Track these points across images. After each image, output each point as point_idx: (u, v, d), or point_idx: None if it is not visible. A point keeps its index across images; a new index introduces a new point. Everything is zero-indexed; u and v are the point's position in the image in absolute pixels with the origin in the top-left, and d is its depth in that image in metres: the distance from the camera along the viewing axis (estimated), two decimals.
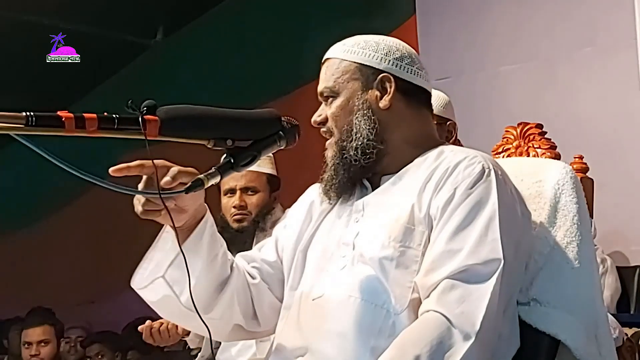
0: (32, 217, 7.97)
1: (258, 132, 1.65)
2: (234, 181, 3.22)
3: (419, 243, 1.67)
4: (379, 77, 1.79)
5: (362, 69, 1.80)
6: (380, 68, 1.79)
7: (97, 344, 5.56)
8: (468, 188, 1.67)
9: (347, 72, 1.80)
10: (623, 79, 4.82)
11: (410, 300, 1.64)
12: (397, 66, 1.80)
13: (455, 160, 1.72)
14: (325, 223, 1.84)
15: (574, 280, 1.76)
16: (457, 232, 1.63)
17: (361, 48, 1.81)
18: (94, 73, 7.06)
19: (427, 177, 1.72)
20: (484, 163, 1.71)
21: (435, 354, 1.52)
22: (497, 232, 1.62)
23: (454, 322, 1.55)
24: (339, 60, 1.82)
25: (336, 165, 1.79)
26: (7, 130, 1.36)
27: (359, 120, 1.77)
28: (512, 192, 1.74)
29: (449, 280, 1.59)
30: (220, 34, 7.07)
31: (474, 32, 5.49)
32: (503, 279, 1.59)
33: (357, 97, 1.79)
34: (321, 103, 1.86)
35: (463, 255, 1.60)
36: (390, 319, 1.64)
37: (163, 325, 3.09)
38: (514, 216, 1.69)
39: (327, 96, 1.82)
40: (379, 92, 1.79)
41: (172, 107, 1.57)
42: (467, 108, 4.46)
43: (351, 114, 1.78)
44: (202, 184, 1.55)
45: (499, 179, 1.69)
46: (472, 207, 1.65)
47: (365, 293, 1.67)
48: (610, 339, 1.82)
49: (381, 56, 1.80)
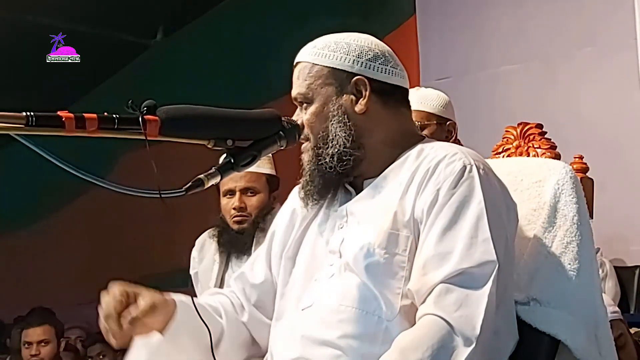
0: (32, 217, 7.97)
1: (258, 132, 1.65)
2: (234, 182, 3.21)
3: (404, 248, 1.65)
4: (353, 80, 1.74)
5: (335, 73, 1.75)
6: (354, 71, 1.74)
7: (99, 343, 5.56)
8: (451, 187, 1.64)
9: (320, 77, 1.75)
10: (623, 79, 4.83)
11: (401, 306, 1.63)
12: (371, 67, 1.75)
13: (435, 159, 1.69)
14: (311, 229, 1.81)
15: (573, 280, 1.76)
16: (445, 233, 1.61)
17: (332, 51, 1.75)
18: (94, 73, 7.06)
19: (408, 179, 1.70)
20: (465, 159, 1.68)
21: (437, 358, 1.51)
22: (487, 232, 1.60)
23: (455, 326, 1.54)
24: (310, 65, 1.77)
25: (312, 171, 1.76)
26: (7, 130, 1.36)
27: (335, 127, 1.73)
28: (496, 184, 1.71)
29: (444, 284, 1.57)
30: (220, 34, 7.07)
31: (474, 32, 5.49)
32: (497, 278, 1.58)
33: (331, 102, 1.74)
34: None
35: (456, 258, 1.59)
36: (383, 325, 1.62)
37: None
38: (501, 211, 1.68)
39: (301, 102, 1.79)
40: (354, 96, 1.74)
41: (172, 107, 1.57)
42: (467, 108, 4.46)
43: (326, 120, 1.74)
44: (202, 184, 1.55)
45: (481, 174, 1.67)
46: (457, 206, 1.63)
47: (355, 301, 1.65)
48: (610, 339, 1.82)
49: (353, 58, 1.74)
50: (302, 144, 1.79)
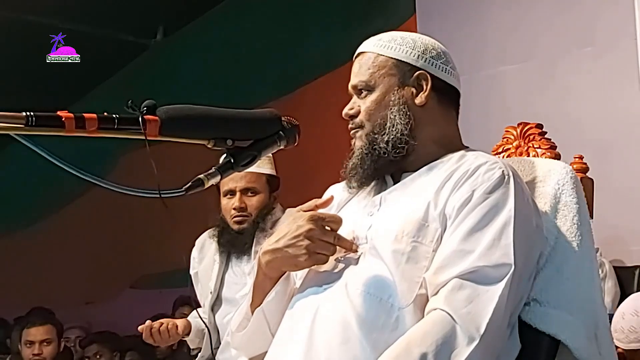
0: (32, 217, 7.98)
1: (258, 132, 1.65)
2: (234, 182, 3.21)
3: (431, 240, 1.68)
4: (416, 74, 1.81)
5: (399, 65, 1.81)
6: (417, 65, 1.81)
7: (96, 344, 5.57)
8: (486, 192, 1.68)
9: (384, 67, 1.82)
10: (623, 79, 4.82)
11: (417, 295, 1.64)
12: (433, 64, 1.83)
13: (476, 163, 1.73)
14: (342, 214, 1.84)
15: (574, 280, 1.76)
16: (471, 233, 1.64)
17: (398, 44, 1.83)
18: (94, 73, 7.07)
19: (446, 176, 1.74)
20: (505, 169, 1.72)
21: (440, 354, 1.52)
22: (510, 238, 1.62)
23: (460, 323, 1.55)
24: (375, 55, 1.83)
25: (364, 155, 1.81)
26: (7, 130, 1.36)
27: (394, 115, 1.79)
28: (529, 201, 1.74)
29: (458, 279, 1.59)
30: (220, 34, 7.07)
31: (474, 32, 5.49)
32: (512, 285, 1.60)
33: (393, 92, 1.80)
34: (352, 96, 1.86)
35: (475, 256, 1.61)
36: (395, 314, 1.64)
37: (163, 325, 3.10)
38: (529, 225, 1.70)
39: (361, 89, 1.84)
40: (415, 88, 1.81)
41: (172, 107, 1.57)
42: (467, 108, 4.44)
43: (386, 108, 1.80)
44: (202, 184, 1.55)
45: (518, 186, 1.70)
46: (489, 210, 1.66)
47: (371, 287, 1.67)
48: (610, 339, 1.82)
49: (418, 53, 1.82)
50: (352, 132, 1.84)
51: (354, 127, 1.84)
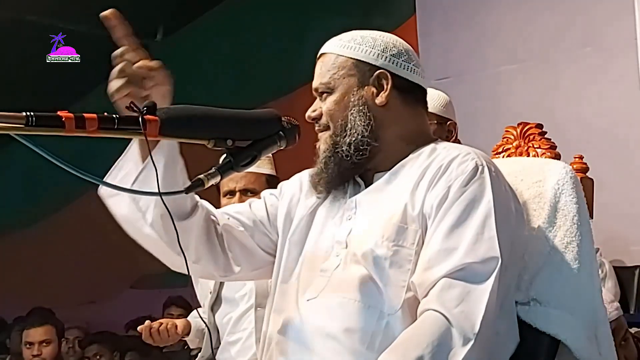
0: (32, 217, 7.97)
1: (258, 132, 1.65)
2: (233, 183, 3.20)
3: (412, 242, 1.66)
4: (376, 73, 1.77)
5: (358, 65, 1.78)
6: (377, 64, 1.78)
7: (96, 344, 5.56)
8: (462, 185, 1.66)
9: (344, 67, 1.78)
10: (623, 79, 4.83)
11: (405, 299, 1.64)
12: (394, 63, 1.79)
13: (448, 157, 1.71)
14: (318, 219, 1.82)
15: (573, 280, 1.76)
16: (452, 229, 1.63)
17: (358, 44, 1.79)
18: (94, 73, 7.05)
19: (420, 174, 1.72)
20: (477, 160, 1.70)
21: (437, 356, 1.52)
22: (493, 230, 1.61)
23: (454, 323, 1.54)
24: (335, 56, 1.80)
25: (327, 159, 1.78)
26: (7, 130, 1.36)
27: (354, 117, 1.76)
28: (506, 188, 1.73)
29: (447, 279, 1.58)
30: (220, 34, 7.08)
31: (474, 32, 5.49)
32: (500, 277, 1.59)
33: (352, 93, 1.77)
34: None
35: (460, 253, 1.60)
36: (384, 320, 1.63)
37: (163, 325, 3.09)
38: (509, 213, 1.69)
39: (322, 92, 1.81)
40: (375, 88, 1.77)
41: (172, 107, 1.57)
42: (467, 108, 4.46)
43: (346, 109, 1.77)
44: (203, 184, 1.55)
45: (493, 175, 1.69)
46: (467, 204, 1.65)
47: (358, 294, 1.66)
48: (610, 339, 1.82)
49: (378, 52, 1.78)
50: (320, 133, 1.81)
51: (321, 129, 1.81)
